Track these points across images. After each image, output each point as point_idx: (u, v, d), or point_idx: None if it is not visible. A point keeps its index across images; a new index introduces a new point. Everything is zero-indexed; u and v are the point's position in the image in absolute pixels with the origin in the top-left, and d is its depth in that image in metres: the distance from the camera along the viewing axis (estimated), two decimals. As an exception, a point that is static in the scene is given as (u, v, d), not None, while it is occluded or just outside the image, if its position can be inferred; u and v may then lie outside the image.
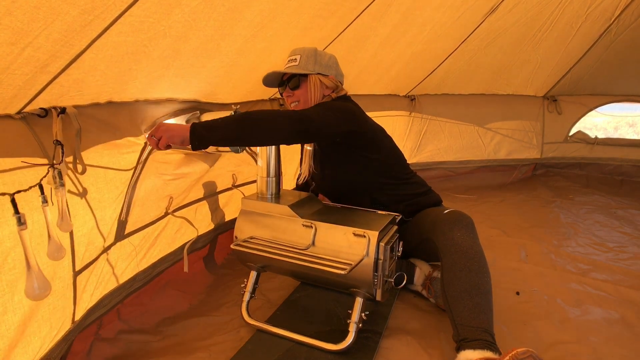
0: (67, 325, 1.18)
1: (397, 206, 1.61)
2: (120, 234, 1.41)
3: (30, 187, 0.96)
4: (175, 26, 1.14)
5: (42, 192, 0.98)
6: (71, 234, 1.14)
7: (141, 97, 1.40)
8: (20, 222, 0.92)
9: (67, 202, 1.09)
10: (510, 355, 1.06)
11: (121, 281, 1.44)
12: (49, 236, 1.00)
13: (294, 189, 2.03)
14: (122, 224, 1.40)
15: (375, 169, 1.60)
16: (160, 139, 1.24)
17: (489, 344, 1.17)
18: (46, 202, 0.98)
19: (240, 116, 1.27)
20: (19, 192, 0.93)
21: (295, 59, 1.61)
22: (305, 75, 1.61)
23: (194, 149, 1.23)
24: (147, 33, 1.08)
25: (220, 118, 1.28)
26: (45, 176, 0.99)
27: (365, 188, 1.63)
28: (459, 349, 1.20)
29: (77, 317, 1.23)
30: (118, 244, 1.40)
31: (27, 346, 1.03)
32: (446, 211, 1.47)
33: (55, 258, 1.02)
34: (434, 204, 1.67)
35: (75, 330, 1.23)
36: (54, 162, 1.02)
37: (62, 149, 1.04)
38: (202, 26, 1.23)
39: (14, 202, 0.91)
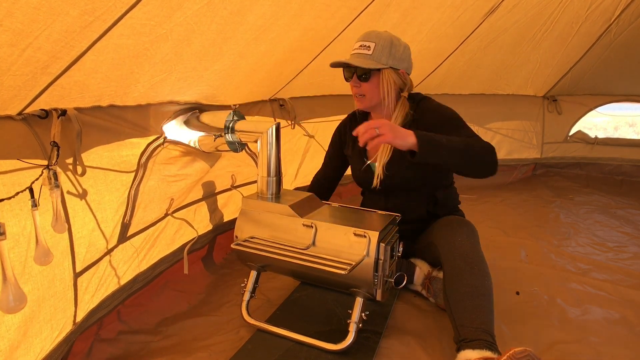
0: (68, 327, 1.18)
1: (443, 209, 1.67)
2: (123, 237, 1.41)
3: (17, 193, 0.93)
4: (177, 29, 1.14)
5: (32, 196, 0.96)
6: (70, 235, 1.15)
7: (143, 101, 1.40)
8: (0, 232, 0.88)
9: (62, 204, 1.09)
10: (508, 354, 1.06)
11: (122, 283, 1.44)
12: (37, 240, 0.99)
13: (309, 187, 1.97)
14: (125, 226, 1.40)
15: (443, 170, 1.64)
16: (382, 135, 1.25)
17: (489, 344, 1.17)
18: (36, 206, 0.97)
19: (464, 147, 1.32)
20: (1, 200, 0.91)
21: (369, 46, 1.47)
22: (379, 68, 1.49)
23: (413, 156, 1.26)
24: (149, 36, 1.08)
25: (444, 138, 1.29)
26: (37, 179, 0.98)
27: (434, 186, 1.65)
28: (459, 349, 1.20)
29: (79, 319, 1.23)
30: (120, 246, 1.40)
31: (28, 347, 1.03)
32: (448, 217, 1.53)
33: (42, 263, 1.00)
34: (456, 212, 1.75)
35: (77, 332, 1.23)
36: (49, 163, 1.02)
37: (58, 150, 1.03)
38: (204, 29, 1.23)
39: None
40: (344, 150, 1.82)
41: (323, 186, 1.93)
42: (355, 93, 1.56)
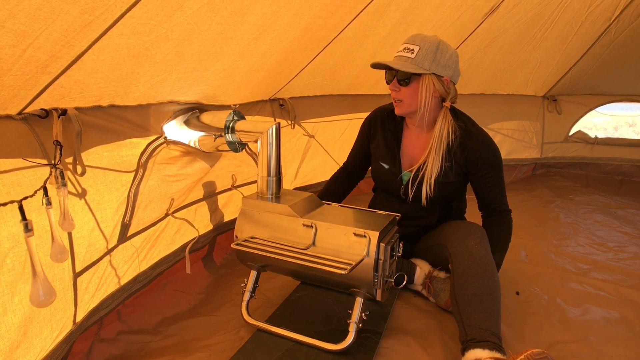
0: (68, 327, 1.18)
1: (453, 217, 1.71)
2: (123, 237, 1.41)
3: (36, 191, 0.95)
4: (178, 29, 1.14)
5: (46, 194, 0.97)
6: (70, 235, 1.15)
7: (144, 101, 1.40)
8: (28, 228, 0.90)
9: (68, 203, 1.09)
10: (525, 354, 1.07)
11: (122, 282, 1.44)
12: (53, 238, 1.00)
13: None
14: (125, 226, 1.40)
15: (465, 185, 1.67)
16: None
17: (498, 346, 1.18)
18: (50, 204, 0.97)
19: (509, 242, 1.58)
20: (26, 198, 0.91)
21: (413, 49, 1.42)
22: (419, 73, 1.44)
23: None
24: (149, 36, 1.08)
25: (500, 250, 1.53)
26: (49, 177, 0.99)
27: (452, 198, 1.68)
28: (466, 348, 1.21)
29: (79, 319, 1.23)
30: (120, 246, 1.40)
31: (28, 347, 1.03)
32: (459, 221, 1.57)
33: (58, 260, 1.01)
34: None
35: (77, 332, 1.23)
36: (55, 162, 1.02)
37: (61, 149, 1.04)
38: (204, 29, 1.23)
39: (21, 209, 0.90)
40: (371, 144, 1.76)
41: (338, 178, 1.91)
42: (394, 97, 1.51)
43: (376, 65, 1.50)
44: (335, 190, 1.90)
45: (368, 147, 1.78)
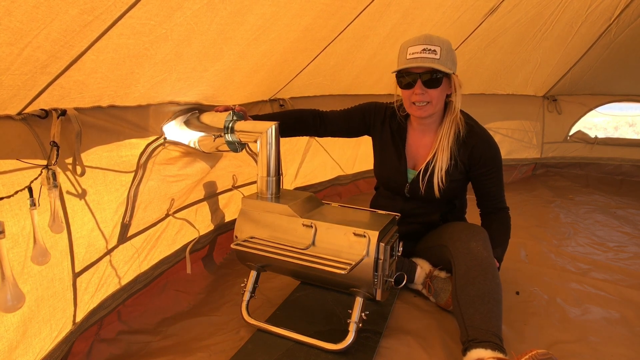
0: (67, 327, 1.18)
1: (455, 215, 1.73)
2: (123, 237, 1.41)
3: (17, 192, 0.93)
4: (177, 29, 1.14)
5: (31, 195, 0.96)
6: (70, 235, 1.15)
7: (144, 101, 1.40)
8: None
9: (62, 204, 1.09)
10: (530, 354, 1.07)
11: (123, 283, 1.44)
12: (35, 240, 0.98)
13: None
14: (125, 227, 1.40)
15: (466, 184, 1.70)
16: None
17: (499, 346, 1.19)
18: (34, 205, 0.96)
19: (508, 237, 1.61)
20: (1, 198, 0.91)
21: (435, 50, 1.38)
22: (449, 75, 1.44)
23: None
24: (149, 36, 1.08)
25: (502, 247, 1.56)
26: (36, 178, 0.97)
27: (455, 196, 1.69)
28: (467, 348, 1.21)
29: (78, 319, 1.23)
30: (121, 246, 1.40)
31: (27, 347, 1.03)
32: (462, 223, 1.59)
33: (39, 262, 1.00)
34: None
35: (77, 332, 1.23)
36: (49, 163, 1.02)
37: (58, 150, 1.03)
38: (204, 30, 1.23)
39: None
40: (372, 134, 1.74)
41: (308, 114, 1.74)
42: (420, 100, 1.45)
43: (407, 69, 1.43)
44: (299, 115, 1.74)
45: (357, 123, 1.73)
